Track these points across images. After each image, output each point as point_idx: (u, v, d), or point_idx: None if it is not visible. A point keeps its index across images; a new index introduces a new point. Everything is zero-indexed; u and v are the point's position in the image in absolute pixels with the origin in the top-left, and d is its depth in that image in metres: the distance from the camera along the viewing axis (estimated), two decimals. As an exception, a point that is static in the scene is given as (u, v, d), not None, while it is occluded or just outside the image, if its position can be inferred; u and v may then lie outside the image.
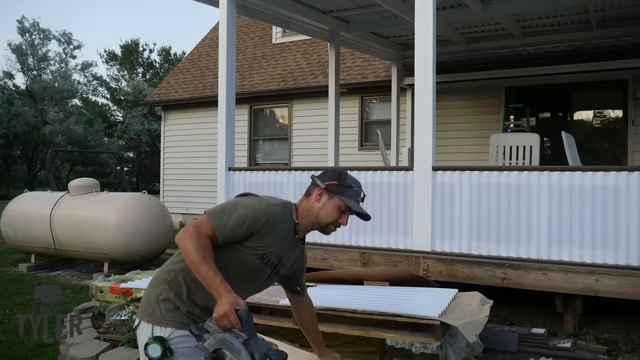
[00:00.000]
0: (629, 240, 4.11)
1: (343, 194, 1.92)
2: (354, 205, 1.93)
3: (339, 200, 1.92)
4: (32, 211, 8.01)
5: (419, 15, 4.79)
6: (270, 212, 1.84)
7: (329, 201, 1.93)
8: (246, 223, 1.80)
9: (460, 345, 3.40)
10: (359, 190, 1.96)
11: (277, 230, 1.88)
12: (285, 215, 1.93)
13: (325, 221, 1.94)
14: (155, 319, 1.87)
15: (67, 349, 4.14)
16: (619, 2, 6.50)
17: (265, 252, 1.87)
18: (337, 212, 1.93)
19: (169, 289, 1.87)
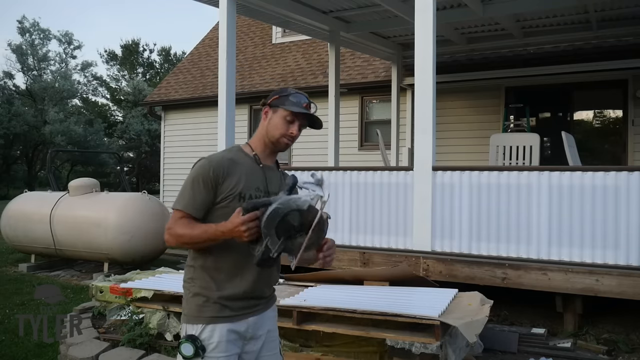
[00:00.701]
0: (629, 240, 4.11)
1: (285, 103, 1.91)
2: (297, 109, 1.90)
3: (283, 110, 1.91)
4: (32, 211, 8.01)
5: (419, 15, 4.79)
6: (213, 161, 1.87)
7: (274, 115, 1.93)
8: (200, 183, 1.83)
9: (460, 345, 3.41)
10: (302, 96, 1.94)
11: (236, 170, 1.89)
12: (233, 155, 1.95)
13: (274, 135, 1.93)
14: (188, 318, 1.91)
15: (67, 349, 4.14)
16: (619, 2, 6.50)
17: (239, 192, 1.87)
18: (284, 123, 1.91)
19: (194, 285, 1.91)
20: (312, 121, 1.97)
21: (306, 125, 1.98)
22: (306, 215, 1.63)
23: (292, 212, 1.61)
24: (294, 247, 1.65)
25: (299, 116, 1.92)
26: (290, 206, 1.60)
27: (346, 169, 5.33)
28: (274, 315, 2.08)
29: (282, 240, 1.63)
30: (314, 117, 1.95)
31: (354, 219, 5.21)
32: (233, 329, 1.90)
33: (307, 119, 1.95)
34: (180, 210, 1.84)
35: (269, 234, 1.60)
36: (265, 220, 1.60)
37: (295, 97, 1.93)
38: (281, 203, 1.60)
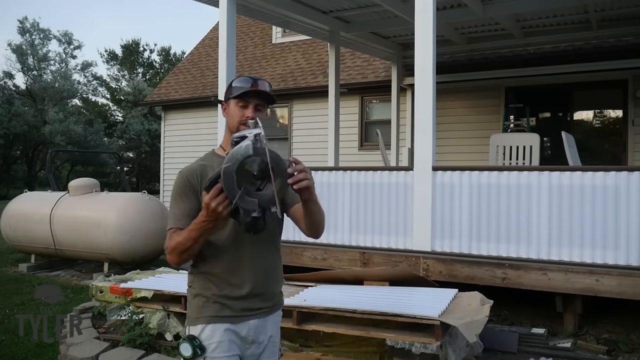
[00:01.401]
0: (629, 240, 4.11)
1: (232, 92, 1.92)
2: (243, 90, 1.89)
3: (232, 100, 1.92)
4: (32, 211, 8.01)
5: (419, 15, 4.79)
6: (185, 170, 1.89)
7: (229, 108, 1.94)
8: (180, 195, 1.85)
9: (460, 345, 3.41)
10: (245, 78, 1.93)
11: (210, 172, 1.86)
12: (206, 159, 1.96)
13: (234, 125, 1.90)
14: (189, 320, 1.91)
15: (67, 349, 4.14)
16: (619, 2, 6.50)
17: None
18: (239, 110, 1.90)
19: (195, 287, 1.92)
20: (265, 97, 1.92)
21: (265, 104, 1.94)
22: (258, 159, 1.57)
23: (244, 162, 1.55)
24: (268, 194, 1.59)
25: (249, 97, 1.89)
26: (237, 158, 1.54)
27: (346, 169, 5.33)
28: (277, 320, 2.03)
29: (253, 194, 1.57)
30: (263, 92, 1.90)
31: (354, 219, 5.21)
32: (234, 329, 1.87)
33: (259, 96, 1.91)
34: (171, 229, 1.84)
35: (236, 195, 1.55)
36: (223, 184, 1.56)
37: (239, 82, 1.92)
38: (227, 161, 1.55)
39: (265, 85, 1.93)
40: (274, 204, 1.57)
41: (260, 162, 1.56)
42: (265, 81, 1.94)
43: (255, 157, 1.56)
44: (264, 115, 1.95)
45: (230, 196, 1.56)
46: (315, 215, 1.85)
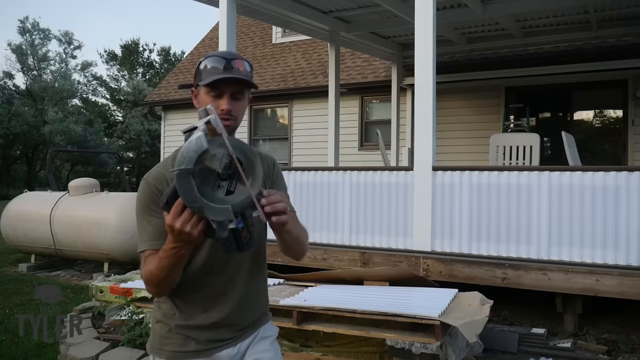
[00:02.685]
0: (629, 240, 4.11)
1: (202, 77, 1.51)
2: (214, 77, 1.48)
3: (202, 87, 1.51)
4: (32, 211, 8.01)
5: (419, 16, 4.79)
6: (152, 177, 1.53)
7: (200, 97, 1.53)
8: (148, 208, 1.50)
9: (460, 345, 3.41)
10: (218, 58, 1.51)
11: None
12: (172, 159, 1.57)
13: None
14: (151, 348, 1.63)
15: (67, 349, 4.14)
16: (619, 2, 6.50)
17: None
18: (211, 101, 1.49)
19: (159, 310, 1.63)
20: (245, 83, 1.52)
21: (244, 91, 1.55)
22: (218, 153, 1.23)
23: (200, 160, 1.20)
24: (243, 196, 1.24)
25: (223, 85, 1.49)
26: (190, 157, 1.18)
27: (346, 169, 5.33)
28: (265, 336, 1.69)
29: (222, 200, 1.22)
30: (239, 79, 1.50)
31: (354, 219, 5.21)
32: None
33: (236, 83, 1.51)
34: (143, 252, 1.50)
35: (201, 206, 1.19)
36: (182, 195, 1.20)
37: (210, 62, 1.51)
38: (178, 164, 1.19)
39: (244, 66, 1.52)
40: (253, 206, 1.24)
41: (222, 156, 1.22)
42: (243, 60, 1.54)
43: (214, 150, 1.22)
44: (244, 104, 1.56)
45: (195, 209, 1.20)
46: (292, 245, 1.55)
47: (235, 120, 1.53)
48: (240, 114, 1.55)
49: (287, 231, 1.43)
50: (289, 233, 1.46)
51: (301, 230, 1.60)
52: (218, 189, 1.23)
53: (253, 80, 1.57)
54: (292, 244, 1.55)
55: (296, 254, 1.61)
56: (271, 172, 1.67)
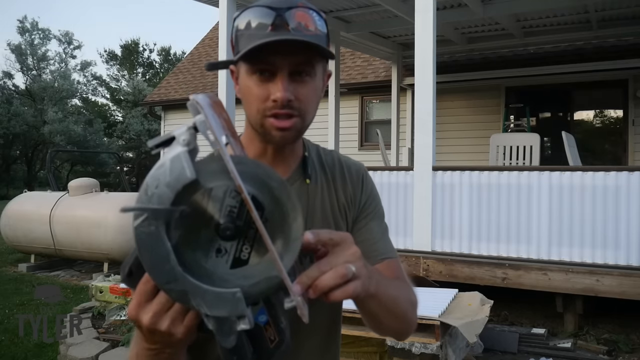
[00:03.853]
0: (629, 240, 4.11)
1: (240, 45, 0.89)
2: (256, 43, 0.84)
3: (244, 63, 0.90)
4: (32, 211, 8.00)
5: (419, 16, 4.79)
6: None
7: (241, 79, 0.94)
8: None
9: (461, 345, 3.40)
10: (264, 10, 0.87)
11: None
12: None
13: (252, 112, 0.93)
14: None
15: (66, 349, 4.14)
16: (619, 2, 6.50)
17: None
18: (256, 87, 0.90)
19: None
20: (313, 49, 0.87)
21: (314, 63, 0.91)
22: (218, 187, 0.63)
23: (182, 199, 0.62)
24: (262, 269, 0.62)
25: (274, 57, 0.87)
26: (159, 194, 0.62)
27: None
28: None
29: (224, 276, 0.62)
30: (302, 43, 0.85)
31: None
32: None
33: (296, 50, 0.86)
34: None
35: (184, 289, 0.60)
36: (146, 264, 0.61)
37: (254, 15, 0.87)
38: (138, 204, 0.63)
39: (311, 20, 0.88)
40: (287, 289, 0.62)
41: (224, 195, 0.62)
42: (307, 10, 0.88)
43: (210, 182, 0.63)
44: (315, 87, 0.94)
45: (173, 294, 0.61)
46: (380, 317, 0.88)
47: (302, 117, 0.93)
48: (310, 105, 0.94)
49: (368, 299, 0.79)
50: (373, 300, 0.80)
51: (399, 291, 0.92)
52: (217, 256, 0.63)
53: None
54: (381, 316, 0.87)
55: (392, 330, 0.95)
56: (358, 195, 1.10)
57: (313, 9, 0.89)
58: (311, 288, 0.64)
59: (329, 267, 0.66)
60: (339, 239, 0.69)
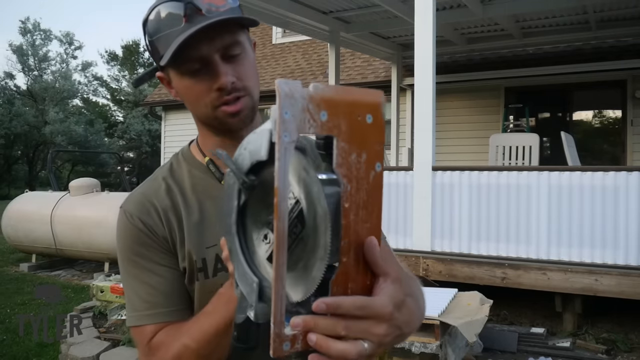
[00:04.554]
0: (627, 240, 4.13)
1: (160, 47, 0.87)
2: (177, 43, 0.82)
3: (170, 68, 0.89)
4: (33, 211, 8.02)
5: (419, 16, 4.81)
6: (129, 206, 0.95)
7: (175, 84, 0.91)
8: (132, 257, 0.93)
9: (460, 344, 3.42)
10: (170, 3, 0.84)
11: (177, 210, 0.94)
12: (170, 171, 0.99)
13: (200, 110, 0.91)
14: None
15: (68, 349, 4.16)
16: (617, 3, 6.52)
17: (190, 257, 0.92)
18: (193, 82, 0.88)
19: None
20: (234, 23, 0.86)
21: (238, 37, 0.88)
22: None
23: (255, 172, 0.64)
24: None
25: (198, 47, 0.84)
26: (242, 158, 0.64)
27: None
28: None
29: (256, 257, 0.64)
30: (222, 22, 0.83)
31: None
32: None
33: (219, 32, 0.84)
34: (140, 327, 0.91)
35: (230, 247, 0.66)
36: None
37: (164, 11, 0.85)
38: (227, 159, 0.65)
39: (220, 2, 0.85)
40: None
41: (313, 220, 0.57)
42: None
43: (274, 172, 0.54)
44: (248, 58, 0.92)
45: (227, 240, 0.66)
46: None
47: (250, 95, 0.92)
48: (252, 79, 0.93)
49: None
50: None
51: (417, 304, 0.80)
52: (263, 241, 0.63)
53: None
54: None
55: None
56: None
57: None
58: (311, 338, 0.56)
59: (344, 332, 0.57)
60: (369, 313, 0.58)
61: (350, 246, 0.58)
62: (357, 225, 0.58)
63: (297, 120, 0.55)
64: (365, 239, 0.59)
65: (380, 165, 0.59)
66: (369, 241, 0.59)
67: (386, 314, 0.60)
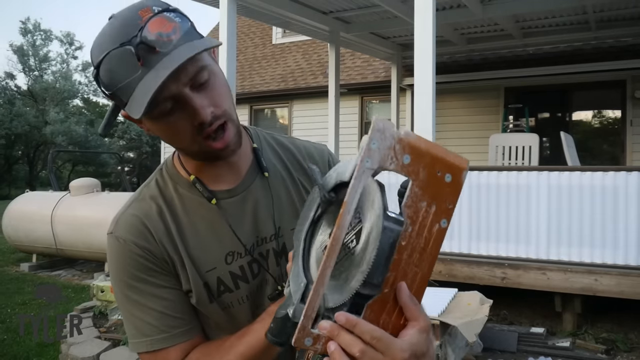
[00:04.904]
0: (627, 240, 4.13)
1: (123, 97, 0.79)
2: (146, 100, 0.74)
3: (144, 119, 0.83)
4: (34, 211, 8.03)
5: (418, 16, 4.81)
6: (121, 232, 0.96)
7: (148, 124, 0.86)
8: (136, 283, 0.89)
9: (460, 344, 3.42)
10: (119, 52, 0.76)
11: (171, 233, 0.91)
12: (157, 193, 0.95)
13: (184, 146, 0.87)
14: None
15: (68, 348, 4.17)
16: (617, 3, 6.52)
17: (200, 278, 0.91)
18: (170, 124, 0.82)
19: None
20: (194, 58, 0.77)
21: (202, 63, 0.81)
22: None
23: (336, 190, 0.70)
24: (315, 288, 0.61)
25: (167, 94, 0.78)
26: (329, 176, 0.71)
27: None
28: None
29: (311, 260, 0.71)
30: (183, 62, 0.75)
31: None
32: None
33: (183, 69, 0.77)
34: (163, 350, 0.88)
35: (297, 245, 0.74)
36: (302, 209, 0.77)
37: (115, 61, 0.77)
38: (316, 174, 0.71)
39: (167, 26, 0.77)
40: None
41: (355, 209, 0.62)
42: (148, 12, 0.78)
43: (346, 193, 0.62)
44: (216, 78, 0.84)
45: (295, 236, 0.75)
46: None
47: (230, 118, 0.85)
48: (226, 100, 0.85)
49: None
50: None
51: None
52: (323, 252, 0.67)
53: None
54: None
55: None
56: None
57: (153, 6, 0.78)
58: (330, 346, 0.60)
59: (358, 354, 0.60)
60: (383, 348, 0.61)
61: (395, 281, 0.62)
62: (407, 265, 0.63)
63: (381, 154, 0.61)
64: (410, 281, 0.63)
65: (446, 222, 0.64)
66: (401, 284, 0.62)
67: (400, 358, 0.61)
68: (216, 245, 0.91)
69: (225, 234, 0.91)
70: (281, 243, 0.95)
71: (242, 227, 0.92)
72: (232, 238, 0.91)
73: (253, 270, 0.93)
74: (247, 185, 0.95)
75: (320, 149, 1.09)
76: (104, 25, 0.80)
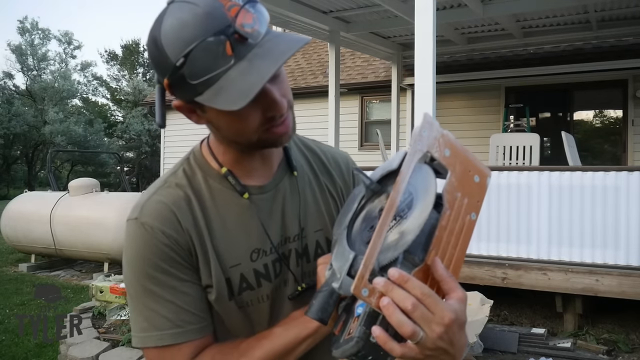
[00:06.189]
0: (628, 240, 4.12)
1: (202, 86, 0.77)
2: (248, 96, 0.73)
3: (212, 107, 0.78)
4: (32, 211, 8.01)
5: (419, 16, 4.79)
6: (147, 218, 0.86)
7: (213, 114, 0.84)
8: (157, 273, 0.85)
9: (460, 345, 3.41)
10: (209, 42, 0.73)
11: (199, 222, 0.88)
12: (186, 181, 0.91)
13: (244, 135, 0.84)
14: None
15: (67, 349, 4.15)
16: (618, 3, 6.51)
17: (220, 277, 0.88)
18: (242, 114, 0.79)
19: None
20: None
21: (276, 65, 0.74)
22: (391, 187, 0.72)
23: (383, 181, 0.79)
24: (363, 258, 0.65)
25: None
26: (377, 170, 0.80)
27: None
28: None
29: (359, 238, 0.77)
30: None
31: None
32: None
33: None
34: (175, 346, 0.84)
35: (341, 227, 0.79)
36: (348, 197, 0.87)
37: (206, 52, 0.74)
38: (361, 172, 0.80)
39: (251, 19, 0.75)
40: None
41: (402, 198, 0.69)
42: (248, 7, 0.75)
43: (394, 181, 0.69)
44: (283, 70, 0.84)
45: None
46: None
47: (291, 108, 0.86)
48: (289, 90, 0.86)
49: None
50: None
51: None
52: (369, 230, 0.74)
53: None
54: None
55: None
56: (350, 186, 1.05)
57: (250, 1, 0.76)
58: (384, 300, 0.63)
59: (410, 307, 0.63)
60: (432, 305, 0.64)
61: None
62: (446, 244, 0.69)
63: (429, 141, 0.70)
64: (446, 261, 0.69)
65: (475, 215, 0.71)
66: (436, 259, 0.67)
67: (447, 319, 0.64)
68: (243, 241, 0.89)
69: (254, 230, 0.90)
70: (303, 244, 0.94)
71: (270, 224, 0.91)
72: (261, 235, 0.90)
73: (276, 269, 0.92)
74: (277, 183, 0.95)
75: (344, 156, 1.10)
76: (175, 13, 0.76)
